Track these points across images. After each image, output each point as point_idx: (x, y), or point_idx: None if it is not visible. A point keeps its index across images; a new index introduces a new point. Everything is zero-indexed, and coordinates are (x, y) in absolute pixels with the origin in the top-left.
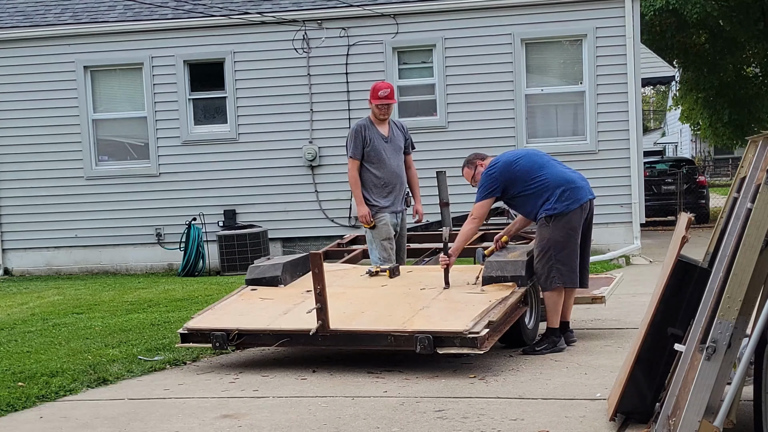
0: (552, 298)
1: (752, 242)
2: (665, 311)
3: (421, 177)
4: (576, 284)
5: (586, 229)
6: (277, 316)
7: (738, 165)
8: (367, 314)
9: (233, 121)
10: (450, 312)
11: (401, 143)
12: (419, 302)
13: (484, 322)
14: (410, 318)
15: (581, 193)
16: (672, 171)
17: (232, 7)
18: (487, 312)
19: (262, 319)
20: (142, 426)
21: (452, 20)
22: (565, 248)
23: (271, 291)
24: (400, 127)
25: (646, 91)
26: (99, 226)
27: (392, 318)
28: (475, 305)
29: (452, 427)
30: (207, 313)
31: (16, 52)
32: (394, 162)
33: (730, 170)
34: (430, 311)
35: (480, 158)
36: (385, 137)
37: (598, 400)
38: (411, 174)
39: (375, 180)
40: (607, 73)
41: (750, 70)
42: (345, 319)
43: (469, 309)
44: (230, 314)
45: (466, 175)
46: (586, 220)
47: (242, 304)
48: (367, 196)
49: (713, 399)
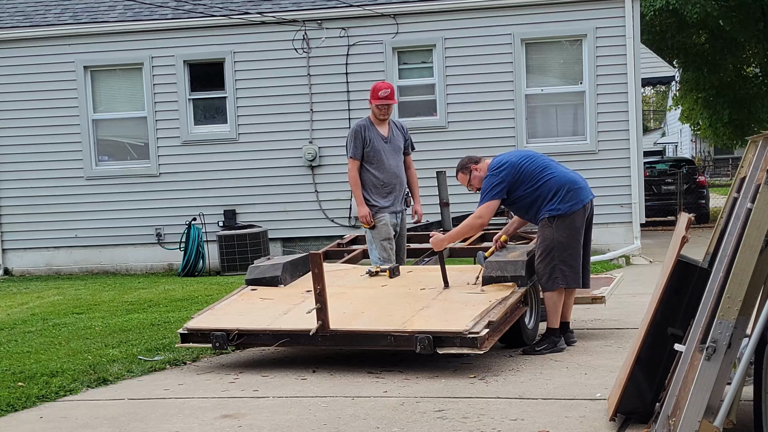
0: (552, 298)
1: (752, 242)
2: (665, 311)
3: (421, 177)
4: (579, 285)
5: (586, 230)
6: (278, 316)
7: (738, 165)
8: (367, 314)
9: (233, 121)
10: (450, 312)
11: (401, 143)
12: (419, 302)
13: (484, 322)
14: (410, 318)
15: (583, 194)
16: (672, 171)
17: (232, 7)
18: (487, 312)
19: (262, 320)
20: (142, 426)
21: (452, 20)
22: (568, 249)
23: (271, 291)
24: (399, 127)
25: (646, 91)
26: (99, 226)
27: (392, 318)
28: (475, 305)
29: (452, 427)
30: (207, 313)
31: (16, 52)
32: (393, 162)
33: (730, 170)
34: (430, 311)
35: (473, 162)
36: (385, 138)
37: (598, 400)
38: (410, 174)
39: (374, 180)
40: (607, 73)
41: (750, 70)
42: (345, 320)
43: (469, 309)
44: (230, 314)
45: (461, 180)
46: (587, 220)
47: (242, 304)
48: (367, 196)
49: (713, 399)
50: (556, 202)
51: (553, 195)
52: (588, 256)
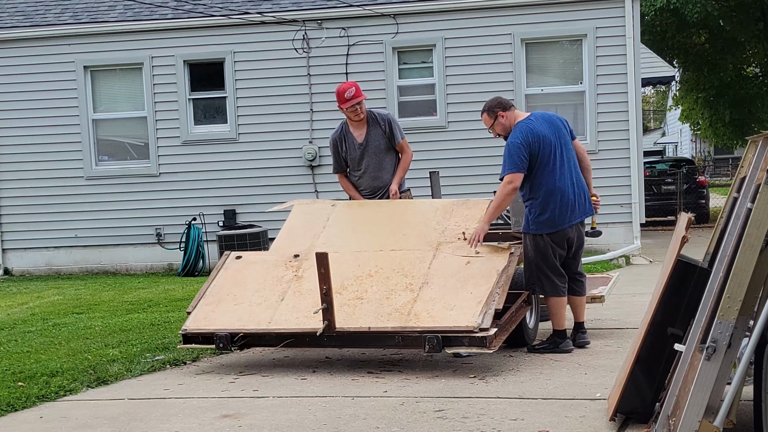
0: (551, 302)
1: (752, 242)
2: (665, 311)
3: (420, 177)
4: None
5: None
6: (275, 304)
7: (738, 165)
8: (366, 301)
9: (233, 121)
10: (451, 292)
11: (381, 142)
12: (416, 275)
13: (491, 313)
14: (412, 305)
15: (561, 219)
16: (672, 171)
17: (232, 7)
18: (491, 296)
19: (260, 311)
20: (142, 426)
21: (452, 20)
22: (545, 262)
23: (256, 258)
24: (380, 120)
25: (646, 91)
26: (99, 226)
27: (392, 303)
28: (476, 281)
29: (452, 427)
30: (202, 305)
31: (16, 52)
32: (373, 165)
33: (730, 170)
34: (431, 291)
35: (502, 107)
36: (359, 144)
37: (598, 400)
38: (403, 158)
39: (358, 186)
40: (607, 73)
41: (750, 70)
42: (347, 310)
43: (470, 286)
44: (225, 302)
45: (484, 121)
46: (570, 241)
47: (232, 285)
48: (359, 197)
49: (713, 399)
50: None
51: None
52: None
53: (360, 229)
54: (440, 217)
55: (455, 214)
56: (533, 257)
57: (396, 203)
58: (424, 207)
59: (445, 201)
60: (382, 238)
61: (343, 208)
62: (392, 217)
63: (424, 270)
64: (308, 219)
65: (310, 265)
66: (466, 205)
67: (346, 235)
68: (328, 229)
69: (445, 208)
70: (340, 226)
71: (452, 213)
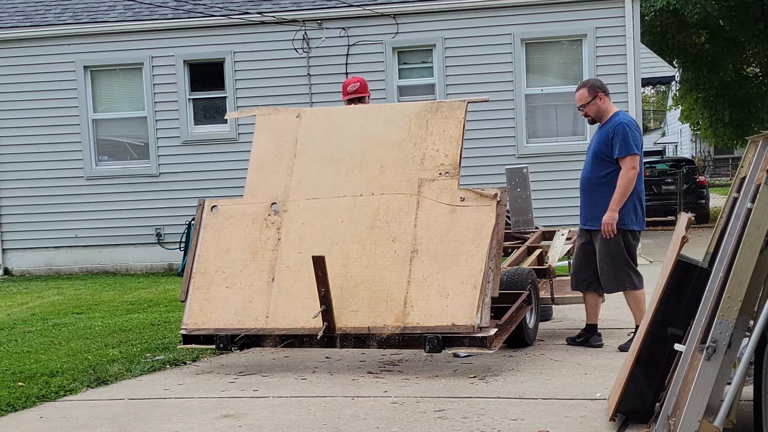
0: (638, 295)
1: (752, 242)
2: (665, 311)
3: None
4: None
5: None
6: (267, 286)
7: (738, 165)
8: (360, 290)
9: (233, 120)
10: (444, 269)
11: None
12: (404, 238)
13: (488, 302)
14: (406, 289)
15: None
16: (672, 171)
17: (232, 7)
18: (485, 276)
19: (256, 299)
20: (142, 426)
21: (452, 20)
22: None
23: (234, 212)
24: None
25: (646, 91)
26: (99, 226)
27: (385, 287)
28: (467, 248)
29: (452, 427)
30: (193, 290)
31: (16, 52)
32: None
33: (730, 170)
34: (422, 266)
35: (603, 90)
36: None
37: (598, 400)
38: None
39: None
40: (607, 73)
41: (750, 70)
42: (341, 305)
43: (462, 258)
44: (215, 285)
45: (580, 96)
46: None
47: (217, 256)
48: None
49: (713, 399)
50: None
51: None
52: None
53: (334, 158)
54: (416, 137)
55: (431, 131)
56: (622, 253)
57: (364, 111)
58: (395, 116)
59: (417, 107)
60: (359, 174)
61: (310, 123)
62: (365, 138)
63: (411, 229)
64: (276, 140)
65: (290, 219)
66: (440, 114)
67: (320, 170)
68: (300, 158)
69: (420, 121)
70: (311, 154)
71: (428, 128)
